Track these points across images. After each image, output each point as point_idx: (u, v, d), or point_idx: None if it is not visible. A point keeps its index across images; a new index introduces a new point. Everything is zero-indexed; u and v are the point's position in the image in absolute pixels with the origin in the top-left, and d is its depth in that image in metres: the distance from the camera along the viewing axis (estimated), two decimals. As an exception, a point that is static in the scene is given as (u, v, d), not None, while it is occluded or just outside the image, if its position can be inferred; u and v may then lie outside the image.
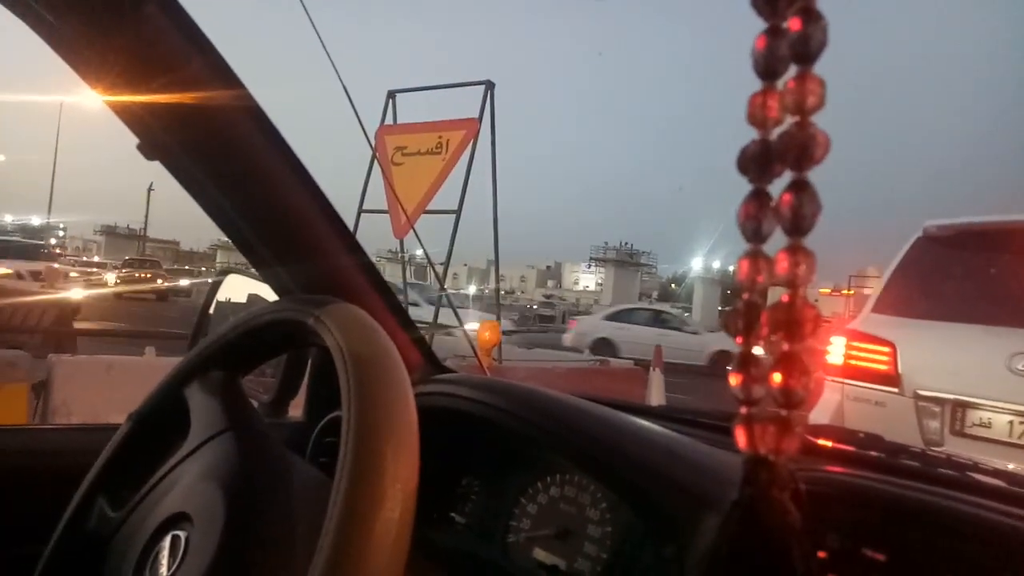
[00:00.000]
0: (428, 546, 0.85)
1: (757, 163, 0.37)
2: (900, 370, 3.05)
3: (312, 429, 1.01)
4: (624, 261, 60.84)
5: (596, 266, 67.77)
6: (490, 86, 8.16)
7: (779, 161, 0.36)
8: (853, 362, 3.25)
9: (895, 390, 3.04)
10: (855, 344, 3.28)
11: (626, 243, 63.29)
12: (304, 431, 1.04)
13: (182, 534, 0.62)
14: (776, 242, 0.37)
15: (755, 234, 0.36)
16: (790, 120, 0.36)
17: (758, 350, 0.36)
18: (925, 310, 3.18)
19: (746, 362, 0.36)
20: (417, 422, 0.56)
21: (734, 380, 0.36)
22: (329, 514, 0.48)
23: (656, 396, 6.82)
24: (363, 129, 1.38)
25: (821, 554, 0.59)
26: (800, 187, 0.35)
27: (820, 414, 3.25)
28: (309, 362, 1.16)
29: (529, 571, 0.83)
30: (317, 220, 0.94)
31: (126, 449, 0.82)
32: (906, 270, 3.36)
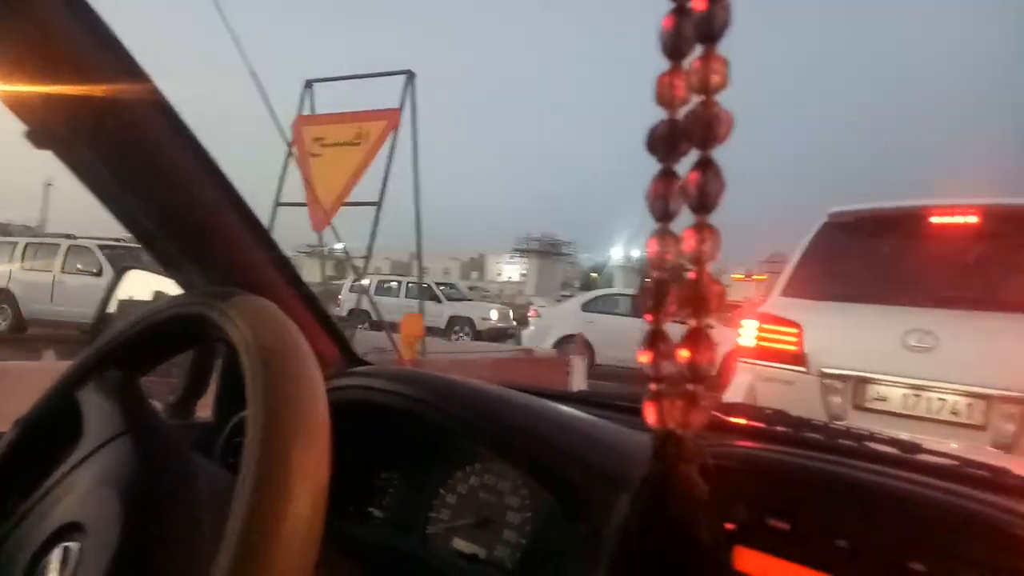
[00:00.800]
0: (345, 542, 0.84)
1: (665, 143, 0.37)
2: (806, 350, 3.20)
3: (222, 430, 0.97)
4: (547, 251, 61.42)
5: (520, 257, 68.23)
6: (411, 76, 8.04)
7: (686, 140, 0.37)
8: (763, 343, 3.39)
9: (802, 369, 3.19)
10: (765, 326, 3.42)
11: (548, 234, 63.94)
12: (214, 432, 0.99)
13: (73, 545, 0.58)
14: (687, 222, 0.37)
15: (663, 213, 0.37)
16: (696, 100, 0.37)
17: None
18: (829, 292, 3.34)
19: (655, 339, 0.36)
20: (328, 415, 0.54)
21: (644, 358, 0.36)
22: (233, 513, 0.46)
23: (578, 383, 6.94)
24: (274, 117, 1.33)
25: (729, 526, 0.61)
26: (706, 165, 0.36)
27: (733, 394, 3.38)
28: (220, 360, 1.11)
29: (448, 562, 0.83)
30: (224, 212, 0.90)
31: (11, 457, 0.76)
32: (811, 254, 3.53)
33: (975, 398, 2.73)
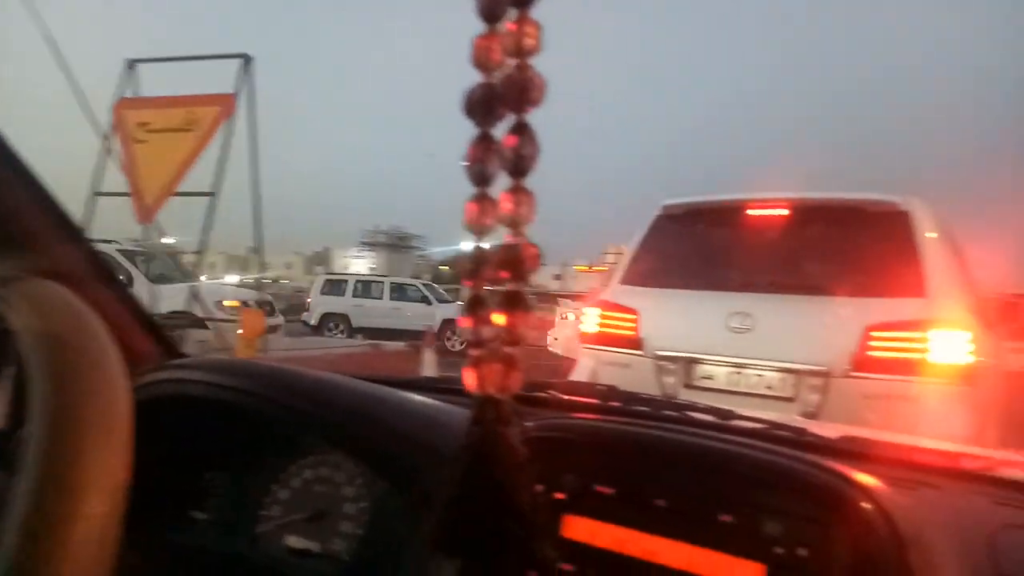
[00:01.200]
0: (161, 548, 0.77)
1: (482, 107, 0.37)
2: (642, 334, 3.39)
3: (14, 436, 0.86)
4: (396, 244, 60.66)
5: (367, 250, 66.81)
6: (247, 60, 7.61)
7: (502, 104, 0.37)
8: (604, 329, 3.55)
9: (639, 352, 3.38)
10: (605, 313, 3.58)
11: (397, 226, 63.16)
12: (5, 440, 0.88)
13: None
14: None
15: (480, 177, 0.36)
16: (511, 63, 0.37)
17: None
18: (663, 280, 3.56)
19: (475, 305, 0.36)
20: (130, 409, 0.49)
21: (464, 323, 0.36)
22: (12, 516, 0.40)
23: (428, 373, 6.93)
24: (76, 90, 1.20)
25: (559, 495, 0.63)
26: (521, 129, 0.36)
27: (577, 378, 3.52)
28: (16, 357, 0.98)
29: (279, 559, 0.79)
30: (19, 199, 0.80)
31: None
32: (647, 244, 3.74)
33: (786, 373, 3.02)
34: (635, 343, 3.40)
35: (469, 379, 0.35)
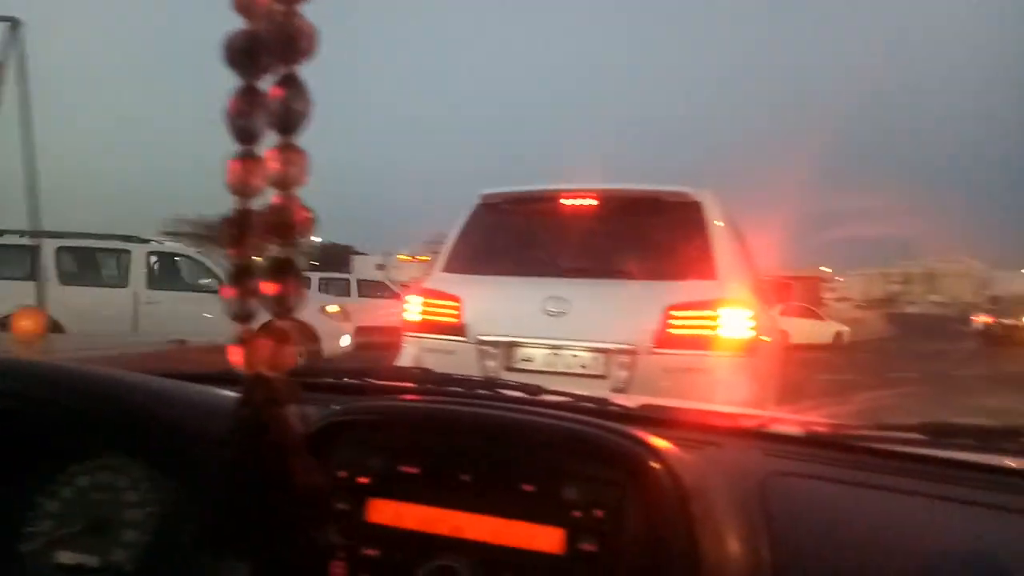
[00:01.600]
0: None
1: (245, 56, 0.33)
2: (465, 320, 3.43)
3: None
4: (203, 235, 56.44)
5: (170, 241, 61.40)
6: (16, 24, 6.63)
7: (268, 54, 0.33)
8: (427, 317, 3.55)
9: (462, 338, 3.41)
10: (428, 301, 3.58)
11: (204, 214, 58.62)
12: None
13: None
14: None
15: (245, 134, 0.33)
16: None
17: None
18: (484, 267, 3.62)
19: (241, 275, 0.32)
20: None
21: (227, 295, 0.32)
22: None
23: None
24: None
25: (364, 480, 0.60)
26: (289, 81, 0.33)
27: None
28: None
29: None
30: None
31: None
32: (468, 232, 3.78)
33: (598, 352, 3.20)
34: (458, 329, 3.43)
35: (236, 357, 0.31)
